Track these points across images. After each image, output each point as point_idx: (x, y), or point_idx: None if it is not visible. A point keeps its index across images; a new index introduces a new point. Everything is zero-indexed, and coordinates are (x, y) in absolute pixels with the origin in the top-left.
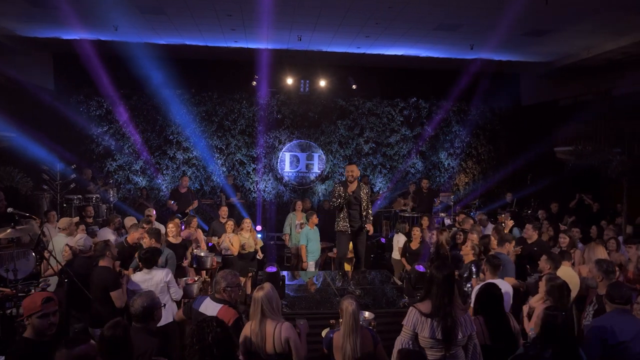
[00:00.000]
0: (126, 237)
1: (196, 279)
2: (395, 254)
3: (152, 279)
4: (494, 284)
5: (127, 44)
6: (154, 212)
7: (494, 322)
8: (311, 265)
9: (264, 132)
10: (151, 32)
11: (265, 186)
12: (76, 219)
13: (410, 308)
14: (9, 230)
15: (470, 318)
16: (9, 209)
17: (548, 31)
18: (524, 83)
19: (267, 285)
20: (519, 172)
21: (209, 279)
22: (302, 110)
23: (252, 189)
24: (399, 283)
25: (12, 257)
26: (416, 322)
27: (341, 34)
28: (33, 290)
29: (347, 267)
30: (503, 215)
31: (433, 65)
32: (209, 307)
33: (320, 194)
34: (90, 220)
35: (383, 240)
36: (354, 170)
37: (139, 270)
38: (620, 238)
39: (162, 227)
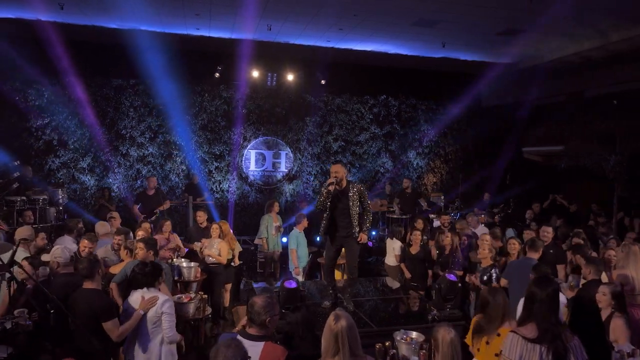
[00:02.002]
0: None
1: (192, 296)
2: (390, 260)
3: None
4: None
5: (73, 26)
6: (118, 216)
7: (591, 339)
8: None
9: (228, 127)
10: (102, 13)
11: (229, 186)
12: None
13: (511, 335)
14: None
15: (580, 344)
16: None
17: (522, 31)
18: (491, 83)
19: (343, 314)
20: (489, 172)
21: (205, 296)
22: (269, 105)
23: (214, 188)
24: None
25: None
26: (522, 351)
27: (314, 24)
28: (7, 327)
29: (338, 275)
30: (482, 216)
31: (402, 63)
32: (248, 349)
33: (287, 194)
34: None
35: (370, 244)
36: (339, 171)
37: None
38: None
39: None
